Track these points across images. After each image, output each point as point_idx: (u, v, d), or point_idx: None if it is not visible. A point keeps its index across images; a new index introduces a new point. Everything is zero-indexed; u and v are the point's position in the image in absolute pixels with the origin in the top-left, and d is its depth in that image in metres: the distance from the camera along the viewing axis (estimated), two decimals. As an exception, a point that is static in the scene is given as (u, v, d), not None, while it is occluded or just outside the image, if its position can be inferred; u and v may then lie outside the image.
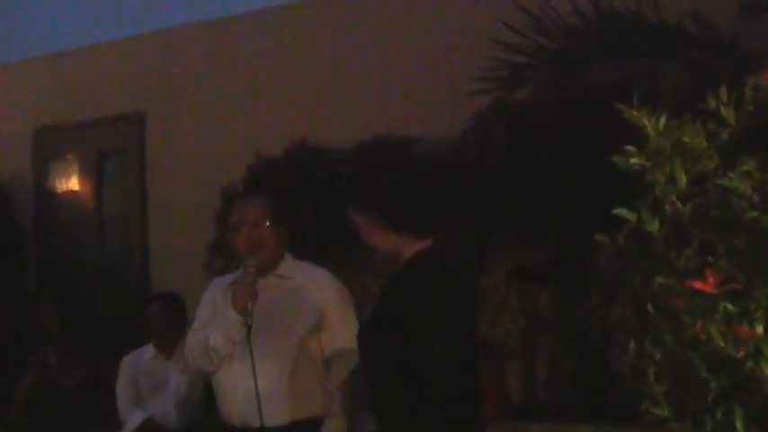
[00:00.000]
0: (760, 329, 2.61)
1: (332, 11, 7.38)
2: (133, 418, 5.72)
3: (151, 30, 8.01)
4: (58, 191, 8.58)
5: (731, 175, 2.75)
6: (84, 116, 8.36)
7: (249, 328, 3.98)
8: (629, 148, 2.83)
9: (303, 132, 7.00)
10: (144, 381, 5.82)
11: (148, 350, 5.91)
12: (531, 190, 5.74)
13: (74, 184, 8.51)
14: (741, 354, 2.61)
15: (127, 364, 5.89)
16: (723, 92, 2.87)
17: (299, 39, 7.46)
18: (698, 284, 2.66)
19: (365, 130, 6.69)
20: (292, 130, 7.07)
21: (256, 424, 4.03)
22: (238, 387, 4.09)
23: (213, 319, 4.18)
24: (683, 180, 2.79)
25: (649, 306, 2.79)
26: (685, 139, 2.82)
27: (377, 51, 7.05)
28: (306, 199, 6.34)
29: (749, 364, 2.61)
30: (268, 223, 4.14)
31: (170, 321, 5.88)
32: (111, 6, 8.21)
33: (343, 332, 4.04)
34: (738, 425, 2.60)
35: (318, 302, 4.11)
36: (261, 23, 7.66)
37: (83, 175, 8.47)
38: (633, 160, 2.82)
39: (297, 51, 7.44)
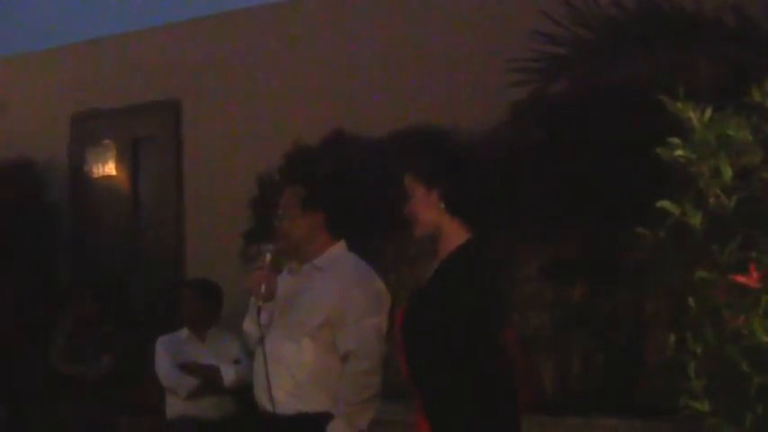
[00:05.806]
0: (803, 325, 2.60)
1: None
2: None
3: (188, 18, 8.03)
4: (94, 176, 8.62)
5: (776, 168, 2.73)
6: (120, 102, 8.39)
7: (259, 310, 4.06)
8: (674, 140, 2.81)
9: (339, 121, 7.00)
10: (178, 361, 5.88)
11: (182, 332, 5.99)
12: (565, 183, 5.72)
13: (109, 169, 8.54)
14: (784, 349, 2.59)
15: (163, 342, 5.96)
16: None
17: (336, 27, 7.45)
18: (741, 279, 2.64)
19: (400, 119, 6.68)
20: (329, 118, 7.07)
21: (270, 410, 4.09)
22: (257, 372, 4.16)
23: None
24: (727, 173, 2.76)
25: (690, 300, 2.78)
26: (730, 132, 2.80)
27: (416, 41, 7.03)
28: (342, 188, 6.33)
29: (792, 359, 2.60)
30: (290, 214, 4.18)
31: (201, 306, 5.95)
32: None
33: (355, 333, 4.00)
34: (780, 421, 2.59)
35: (335, 299, 4.05)
36: (298, 11, 7.66)
37: (118, 160, 8.50)
38: (677, 153, 2.80)
39: (334, 40, 7.43)
